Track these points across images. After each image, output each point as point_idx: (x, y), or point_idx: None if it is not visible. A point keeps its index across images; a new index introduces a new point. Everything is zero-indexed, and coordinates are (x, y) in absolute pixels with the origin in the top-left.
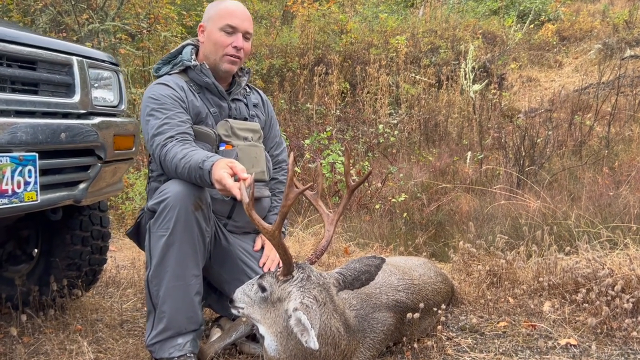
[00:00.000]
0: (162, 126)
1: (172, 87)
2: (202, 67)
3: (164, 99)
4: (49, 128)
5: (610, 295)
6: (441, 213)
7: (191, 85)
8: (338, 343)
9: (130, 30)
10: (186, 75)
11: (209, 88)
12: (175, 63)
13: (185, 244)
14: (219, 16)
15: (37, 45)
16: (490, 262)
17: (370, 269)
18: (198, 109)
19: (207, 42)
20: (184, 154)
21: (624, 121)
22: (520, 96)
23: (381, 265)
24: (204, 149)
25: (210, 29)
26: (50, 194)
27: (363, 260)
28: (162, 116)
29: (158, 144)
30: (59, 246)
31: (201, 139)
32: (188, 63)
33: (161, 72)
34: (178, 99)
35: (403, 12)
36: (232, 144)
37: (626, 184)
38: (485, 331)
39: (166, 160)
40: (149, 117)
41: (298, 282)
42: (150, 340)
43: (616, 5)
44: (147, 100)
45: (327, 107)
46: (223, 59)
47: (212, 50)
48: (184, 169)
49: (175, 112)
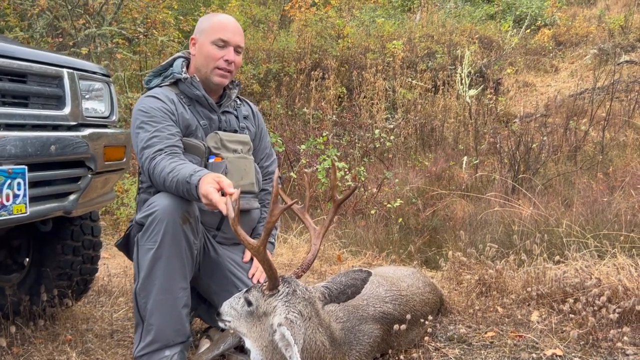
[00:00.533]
0: (151, 139)
1: (162, 100)
2: (193, 80)
3: (153, 111)
4: (38, 141)
5: (596, 306)
6: (436, 218)
7: (181, 98)
8: (323, 357)
9: (127, 34)
10: (177, 87)
11: (200, 101)
12: (166, 75)
13: (173, 257)
14: (211, 29)
15: (27, 59)
16: (480, 271)
17: (356, 282)
18: (188, 121)
19: (198, 54)
20: (172, 168)
21: (618, 126)
22: (516, 101)
23: (367, 279)
24: (193, 161)
25: (202, 42)
26: (40, 205)
27: (350, 274)
28: (151, 129)
29: (147, 157)
30: (50, 256)
31: (190, 151)
32: (179, 76)
33: (152, 84)
34: (168, 111)
35: (400, 17)
36: (221, 156)
37: (620, 190)
38: (472, 341)
39: (155, 174)
40: (139, 129)
41: (283, 296)
42: (138, 352)
43: (612, 10)
44: (137, 112)
45: (323, 111)
46: (214, 72)
47: (204, 63)
48: (171, 182)
49: (165, 125)
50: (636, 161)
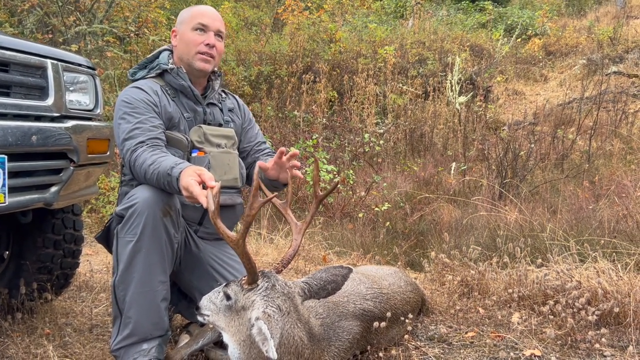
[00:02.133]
0: (133, 130)
1: (145, 91)
2: (179, 71)
3: (136, 102)
4: (19, 130)
5: (576, 308)
6: (423, 223)
7: (166, 90)
8: (301, 352)
9: (119, 33)
10: (162, 79)
11: (185, 92)
12: (151, 67)
13: (152, 251)
14: (190, 17)
15: (9, 48)
16: (463, 272)
17: (337, 278)
18: (171, 114)
19: (180, 43)
20: (153, 160)
21: (605, 136)
22: (506, 109)
23: (348, 275)
24: (176, 155)
25: (183, 30)
26: (19, 196)
27: (330, 270)
28: (133, 120)
29: (128, 149)
30: (30, 249)
31: (173, 144)
32: (165, 66)
33: (137, 77)
34: (151, 103)
35: (392, 23)
36: (204, 150)
37: (605, 198)
38: (453, 341)
39: (136, 166)
40: (121, 120)
41: (262, 291)
42: (115, 345)
43: (602, 22)
44: (120, 103)
45: (314, 115)
46: (196, 57)
47: (185, 50)
48: (152, 174)
49: (148, 117)
50: (622, 170)
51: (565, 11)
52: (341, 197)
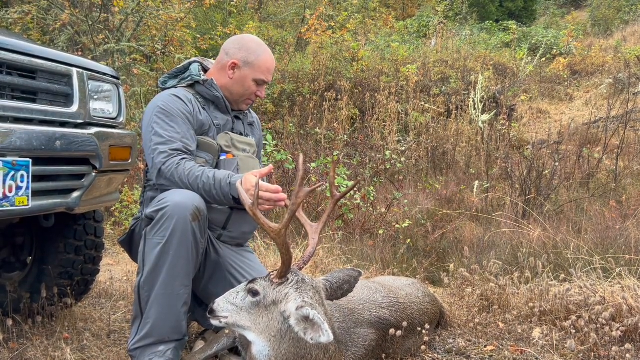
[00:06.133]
0: (169, 136)
1: (182, 100)
2: (212, 82)
3: (173, 110)
4: (44, 135)
5: (599, 323)
6: (445, 241)
7: (197, 99)
8: (327, 348)
9: (145, 51)
10: (192, 89)
11: (216, 102)
12: (183, 77)
13: (179, 254)
14: (258, 68)
15: (37, 55)
16: (483, 286)
17: (350, 279)
18: (202, 121)
19: (237, 81)
20: (202, 170)
21: (632, 155)
22: (530, 128)
23: (358, 278)
24: (206, 158)
25: (246, 74)
26: (42, 200)
27: (344, 271)
28: (167, 127)
29: (162, 152)
30: (52, 254)
31: (204, 149)
32: (197, 78)
33: (167, 85)
34: (187, 112)
35: (415, 43)
36: (232, 153)
37: (633, 218)
38: (471, 354)
39: (173, 172)
40: (155, 124)
41: (294, 284)
42: (133, 345)
43: (629, 41)
44: (155, 108)
45: (335, 132)
46: (245, 101)
47: (239, 92)
48: (198, 181)
49: (183, 126)
50: None
51: (591, 31)
52: (361, 213)
